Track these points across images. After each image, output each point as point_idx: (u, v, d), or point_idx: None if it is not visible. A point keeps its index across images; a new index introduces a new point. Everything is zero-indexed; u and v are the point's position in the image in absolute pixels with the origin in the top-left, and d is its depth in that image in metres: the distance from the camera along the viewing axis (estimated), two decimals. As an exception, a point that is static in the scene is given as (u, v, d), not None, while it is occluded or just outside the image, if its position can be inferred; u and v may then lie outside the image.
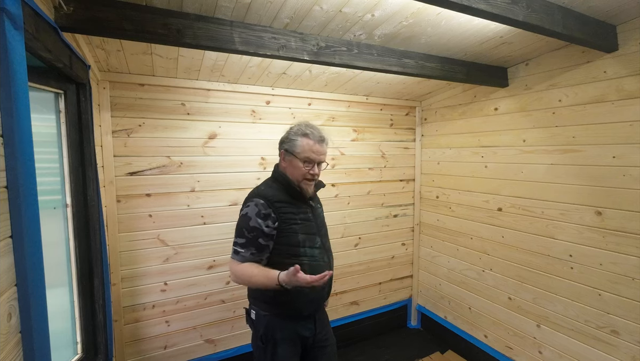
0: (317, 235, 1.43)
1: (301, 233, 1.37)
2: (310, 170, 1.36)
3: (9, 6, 0.69)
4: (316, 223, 1.45)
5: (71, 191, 1.38)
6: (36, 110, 1.21)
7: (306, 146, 1.35)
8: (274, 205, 1.32)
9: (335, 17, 1.40)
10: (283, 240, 1.34)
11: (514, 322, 2.17)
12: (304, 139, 1.35)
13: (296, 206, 1.39)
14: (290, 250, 1.35)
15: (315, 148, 1.35)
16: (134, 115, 1.91)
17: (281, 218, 1.33)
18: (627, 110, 1.58)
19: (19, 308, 0.75)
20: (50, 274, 0.79)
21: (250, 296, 1.47)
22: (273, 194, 1.35)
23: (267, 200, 1.32)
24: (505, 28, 1.54)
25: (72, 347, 1.41)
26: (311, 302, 1.41)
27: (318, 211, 1.52)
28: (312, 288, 1.31)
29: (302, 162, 1.36)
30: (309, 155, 1.35)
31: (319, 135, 1.36)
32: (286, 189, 1.38)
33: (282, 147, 1.42)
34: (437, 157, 2.74)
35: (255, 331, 1.44)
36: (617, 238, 1.63)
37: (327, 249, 1.49)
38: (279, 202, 1.34)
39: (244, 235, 1.31)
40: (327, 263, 1.44)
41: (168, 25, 1.26)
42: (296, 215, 1.37)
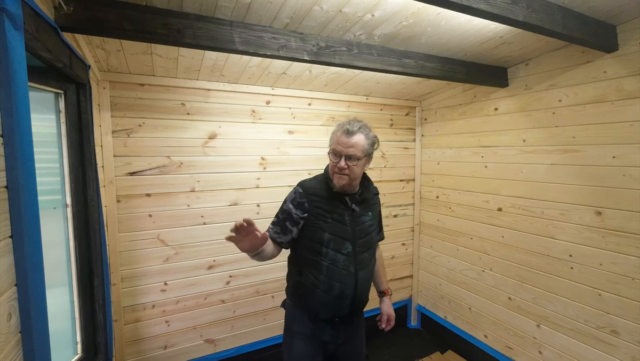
0: (348, 241, 1.36)
1: (328, 232, 1.34)
2: (337, 163, 1.31)
3: (9, 6, 0.69)
4: (352, 229, 1.38)
5: (71, 191, 1.38)
6: (36, 110, 1.21)
7: (334, 138, 1.34)
8: (309, 197, 1.35)
9: (335, 17, 1.40)
10: (308, 233, 1.35)
11: (514, 322, 2.16)
12: (336, 132, 1.35)
13: (332, 204, 1.36)
14: (313, 246, 1.35)
15: (341, 139, 1.30)
16: (134, 115, 1.91)
17: (312, 211, 1.34)
18: (627, 110, 1.58)
19: (19, 308, 0.75)
20: (50, 274, 0.79)
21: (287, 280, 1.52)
22: (313, 186, 1.38)
23: (305, 190, 1.36)
24: (505, 28, 1.54)
25: (72, 347, 1.41)
26: (326, 306, 1.36)
27: (362, 218, 1.42)
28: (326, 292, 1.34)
29: (331, 156, 1.35)
30: (335, 147, 1.33)
31: (345, 127, 1.32)
32: (325, 185, 1.39)
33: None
34: (437, 157, 2.74)
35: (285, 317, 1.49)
36: (617, 238, 1.63)
37: (359, 260, 1.39)
38: (315, 195, 1.35)
39: (277, 215, 1.39)
40: (351, 273, 1.36)
41: (168, 25, 1.26)
42: (328, 213, 1.35)
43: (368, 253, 1.44)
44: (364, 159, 1.33)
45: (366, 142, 1.32)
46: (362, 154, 1.31)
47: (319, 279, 1.35)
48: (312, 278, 1.36)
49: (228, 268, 2.22)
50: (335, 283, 1.34)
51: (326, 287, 1.34)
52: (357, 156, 1.30)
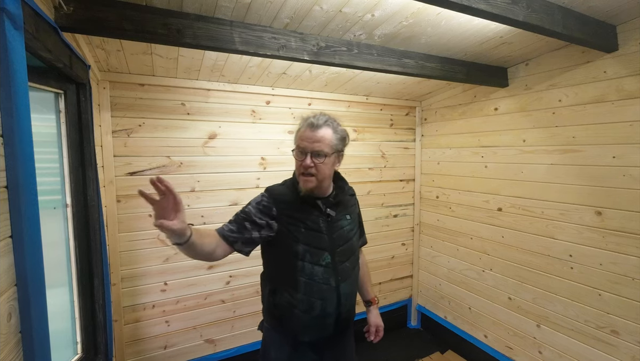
0: (326, 251, 1.21)
1: (302, 242, 1.18)
2: (302, 162, 1.16)
3: (9, 6, 0.69)
4: (329, 236, 1.22)
5: (71, 191, 1.38)
6: (36, 110, 1.21)
7: (298, 134, 1.19)
8: (278, 204, 1.19)
9: (335, 17, 1.40)
10: (280, 247, 1.20)
11: (514, 322, 2.16)
12: (300, 128, 1.20)
13: (303, 211, 1.21)
14: (286, 261, 1.20)
15: (305, 134, 1.15)
16: (134, 115, 1.91)
17: (282, 221, 1.18)
18: (627, 110, 1.58)
19: (19, 308, 0.75)
20: (50, 274, 0.79)
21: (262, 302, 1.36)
22: (281, 192, 1.23)
23: (272, 196, 1.21)
24: (505, 28, 1.54)
25: (72, 347, 1.41)
26: (307, 328, 1.21)
27: (340, 223, 1.27)
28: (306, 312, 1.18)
29: (295, 154, 1.20)
30: (299, 143, 1.17)
31: (310, 120, 1.17)
32: (294, 190, 1.23)
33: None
34: (437, 157, 2.74)
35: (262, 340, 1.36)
36: (617, 238, 1.63)
37: (339, 271, 1.23)
38: (284, 202, 1.20)
39: (236, 214, 1.21)
40: (332, 287, 1.21)
41: (168, 25, 1.26)
42: (301, 221, 1.19)
43: (350, 262, 1.28)
44: (332, 156, 1.18)
45: (334, 136, 1.18)
46: (330, 150, 1.16)
47: (296, 297, 1.18)
48: (288, 297, 1.20)
49: (228, 268, 2.22)
50: (315, 300, 1.18)
51: (305, 306, 1.18)
52: (325, 152, 1.15)
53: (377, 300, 1.51)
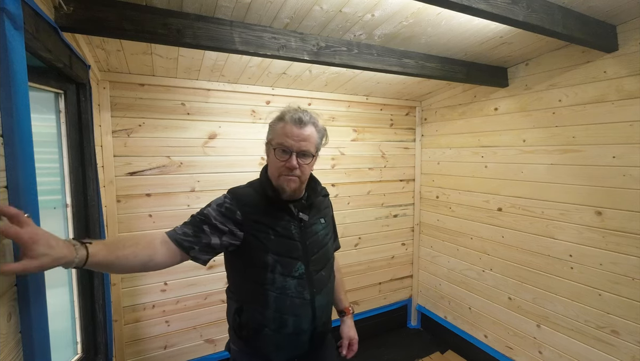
0: (299, 260, 1.08)
1: (272, 252, 1.05)
2: (286, 162, 1.03)
3: (9, 6, 0.69)
4: (303, 244, 1.10)
5: (71, 191, 1.38)
6: (36, 110, 1.21)
7: (280, 129, 1.05)
8: (243, 208, 1.05)
9: (335, 17, 1.40)
10: (246, 257, 1.05)
11: (514, 322, 2.16)
12: (279, 123, 1.07)
13: (273, 216, 1.07)
14: (254, 273, 1.06)
15: (292, 131, 1.03)
16: (134, 115, 1.91)
17: (247, 227, 1.04)
18: (627, 110, 1.58)
19: (19, 308, 0.75)
20: (50, 274, 0.79)
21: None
22: (246, 194, 1.09)
23: (236, 199, 1.06)
24: (505, 28, 1.54)
25: (72, 347, 1.41)
26: (279, 348, 1.08)
27: (314, 228, 1.15)
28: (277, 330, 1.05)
29: (275, 152, 1.06)
30: (282, 140, 1.03)
31: (297, 115, 1.05)
32: (262, 191, 1.10)
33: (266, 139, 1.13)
34: (437, 157, 2.74)
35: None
36: (617, 238, 1.63)
37: (314, 282, 1.10)
38: (250, 206, 1.06)
39: (193, 216, 1.06)
40: (306, 301, 1.08)
41: (168, 25, 1.26)
42: (270, 227, 1.06)
43: (325, 271, 1.15)
44: (315, 156, 1.10)
45: (317, 135, 1.08)
46: (314, 150, 1.08)
47: (266, 315, 1.04)
48: (257, 315, 1.05)
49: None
50: (287, 317, 1.05)
51: (276, 325, 1.05)
52: (311, 152, 1.06)
53: (351, 310, 1.36)
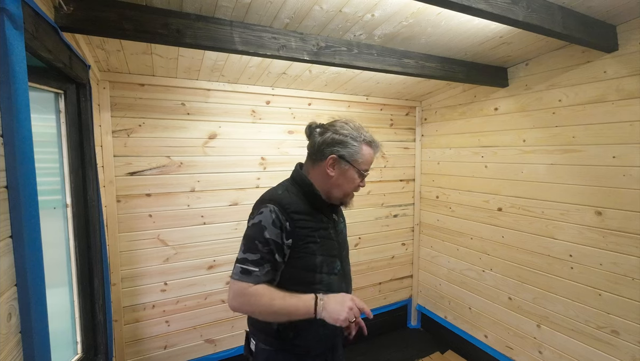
0: (337, 258, 1.15)
1: (319, 254, 1.09)
2: (359, 183, 1.13)
3: (9, 6, 0.69)
4: (338, 242, 1.17)
5: (71, 191, 1.38)
6: (36, 110, 1.21)
7: (368, 156, 1.11)
8: (291, 216, 1.04)
9: (335, 17, 1.40)
10: (296, 262, 1.06)
11: (514, 322, 2.16)
12: (367, 147, 1.10)
13: (316, 219, 1.11)
14: (303, 276, 1.07)
15: (373, 158, 1.13)
16: (134, 115, 1.91)
17: (297, 234, 1.04)
18: (627, 110, 1.58)
19: (19, 308, 0.75)
20: (50, 274, 0.79)
21: (250, 323, 1.18)
22: (291, 201, 1.07)
23: (283, 208, 1.04)
24: (505, 28, 1.54)
25: (72, 347, 1.41)
26: (321, 340, 1.13)
27: (340, 226, 1.23)
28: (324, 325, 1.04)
29: (358, 174, 1.11)
30: (368, 167, 1.12)
31: (378, 143, 1.14)
32: (308, 197, 1.11)
33: (335, 151, 1.08)
34: (437, 157, 2.74)
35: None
36: (617, 238, 1.63)
37: (347, 276, 1.20)
38: (297, 213, 1.06)
39: (258, 249, 1.00)
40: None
41: (168, 25, 1.26)
42: (315, 231, 1.09)
43: (349, 264, 1.25)
44: None
45: None
46: None
47: None
48: None
49: (228, 267, 2.22)
50: None
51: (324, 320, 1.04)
52: None
53: None
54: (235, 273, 1.00)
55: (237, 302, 0.99)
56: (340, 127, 1.10)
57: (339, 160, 1.08)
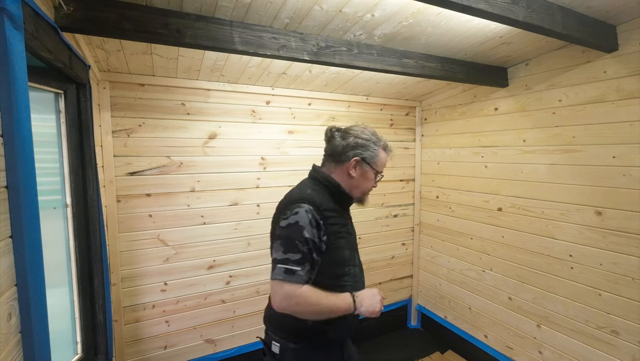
0: (356, 251, 1.23)
1: (347, 248, 1.15)
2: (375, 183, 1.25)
3: (9, 6, 0.69)
4: (354, 236, 1.26)
5: (71, 191, 1.38)
6: (36, 110, 1.21)
7: (384, 160, 1.24)
8: (323, 213, 1.08)
9: (335, 17, 1.40)
10: (329, 258, 1.10)
11: (514, 322, 2.16)
12: (383, 152, 1.22)
13: (342, 217, 1.19)
14: (334, 270, 1.12)
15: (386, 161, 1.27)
16: (134, 115, 1.91)
17: (329, 231, 1.09)
18: (627, 110, 1.58)
19: (19, 308, 0.75)
20: (50, 274, 0.79)
21: (273, 324, 1.18)
22: (322, 200, 1.11)
23: (316, 207, 1.07)
24: (505, 28, 1.54)
25: (72, 347, 1.41)
26: (348, 331, 1.20)
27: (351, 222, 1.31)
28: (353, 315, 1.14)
29: (375, 175, 1.22)
30: (382, 170, 1.25)
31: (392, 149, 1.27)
32: (334, 196, 1.17)
33: (358, 153, 1.17)
34: (437, 157, 2.74)
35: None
36: (617, 238, 1.63)
37: (361, 267, 1.27)
38: (328, 211, 1.10)
39: (298, 249, 1.01)
40: (363, 283, 1.23)
41: (168, 25, 1.26)
42: (343, 227, 1.15)
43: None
44: None
45: None
46: None
47: None
48: None
49: (228, 268, 2.22)
50: None
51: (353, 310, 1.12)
52: None
53: None
54: (278, 273, 1.01)
55: (286, 303, 1.01)
56: (361, 132, 1.20)
57: (361, 162, 1.18)
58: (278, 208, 1.15)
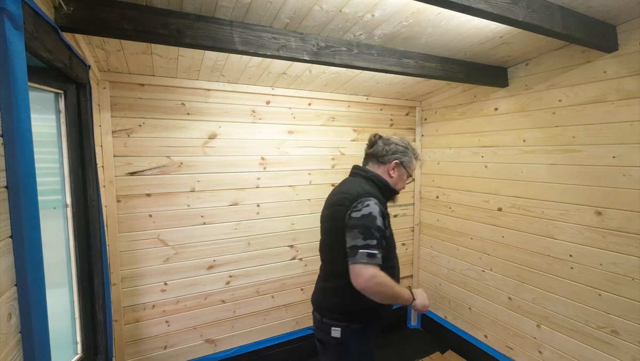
0: None
1: (392, 236, 1.35)
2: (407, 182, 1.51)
3: (9, 6, 0.69)
4: None
5: (71, 191, 1.38)
6: (36, 110, 1.21)
7: (414, 166, 1.48)
8: (384, 206, 1.30)
9: (335, 17, 1.40)
10: (387, 242, 1.28)
11: (514, 322, 2.16)
12: (416, 161, 1.48)
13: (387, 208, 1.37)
14: (389, 253, 1.30)
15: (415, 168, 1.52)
16: (134, 115, 1.91)
17: (387, 221, 1.30)
18: (627, 110, 1.58)
19: (19, 308, 0.75)
20: (50, 274, 0.79)
21: (337, 311, 1.30)
22: (379, 195, 1.32)
23: (380, 201, 1.26)
24: (505, 28, 1.54)
25: (72, 347, 1.41)
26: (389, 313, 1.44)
27: None
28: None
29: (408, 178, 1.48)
30: (413, 173, 1.50)
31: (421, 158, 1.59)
32: (384, 191, 1.39)
33: (398, 158, 1.41)
34: (437, 157, 2.74)
35: (344, 349, 1.30)
36: (617, 238, 1.63)
37: None
38: (384, 204, 1.31)
39: (374, 236, 1.17)
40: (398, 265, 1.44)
41: (168, 25, 1.26)
42: (390, 218, 1.35)
43: None
44: None
45: None
46: None
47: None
48: None
49: (228, 268, 2.22)
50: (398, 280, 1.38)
51: None
52: None
53: None
54: (361, 257, 1.15)
55: (371, 283, 1.15)
56: (400, 140, 1.45)
57: (399, 165, 1.41)
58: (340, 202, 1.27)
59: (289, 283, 2.45)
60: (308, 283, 2.52)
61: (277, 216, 2.36)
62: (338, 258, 1.25)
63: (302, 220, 2.45)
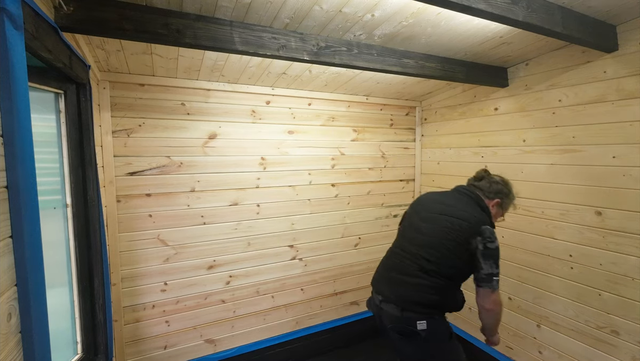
0: None
1: None
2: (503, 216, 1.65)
3: (9, 6, 0.69)
4: None
5: (71, 191, 1.38)
6: (36, 110, 1.21)
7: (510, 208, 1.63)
8: None
9: (335, 17, 1.40)
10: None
11: (514, 322, 2.16)
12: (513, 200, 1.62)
13: None
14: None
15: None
16: (134, 115, 1.91)
17: None
18: (627, 110, 1.58)
19: (19, 308, 0.75)
20: (50, 274, 0.79)
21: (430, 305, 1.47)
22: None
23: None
24: (505, 28, 1.54)
25: (72, 347, 1.41)
26: None
27: None
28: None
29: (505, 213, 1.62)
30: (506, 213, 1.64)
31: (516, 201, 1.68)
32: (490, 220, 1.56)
33: (500, 197, 1.56)
34: (437, 157, 2.74)
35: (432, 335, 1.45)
36: (617, 238, 1.63)
37: None
38: None
39: (499, 266, 1.44)
40: None
41: (168, 25, 1.26)
42: None
43: None
44: None
45: None
46: None
47: None
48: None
49: (228, 268, 2.22)
50: None
51: None
52: None
53: None
54: (496, 284, 1.45)
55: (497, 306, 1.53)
56: (506, 183, 1.60)
57: (500, 204, 1.57)
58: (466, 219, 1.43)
59: (289, 283, 2.45)
60: (308, 283, 2.52)
61: (277, 216, 2.36)
62: (448, 264, 1.48)
63: (302, 220, 2.45)
